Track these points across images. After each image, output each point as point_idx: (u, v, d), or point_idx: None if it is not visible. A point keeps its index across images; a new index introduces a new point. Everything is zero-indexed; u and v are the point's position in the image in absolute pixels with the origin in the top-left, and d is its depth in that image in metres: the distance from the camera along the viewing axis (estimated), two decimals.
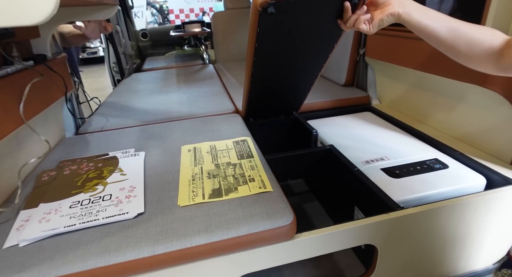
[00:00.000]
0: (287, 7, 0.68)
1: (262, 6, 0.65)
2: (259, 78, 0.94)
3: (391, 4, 0.60)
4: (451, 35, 0.56)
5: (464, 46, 0.56)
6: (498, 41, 0.54)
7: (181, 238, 0.59)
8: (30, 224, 0.64)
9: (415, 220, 0.72)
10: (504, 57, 0.53)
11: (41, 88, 0.90)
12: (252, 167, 0.82)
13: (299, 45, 0.85)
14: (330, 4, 0.67)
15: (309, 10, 0.70)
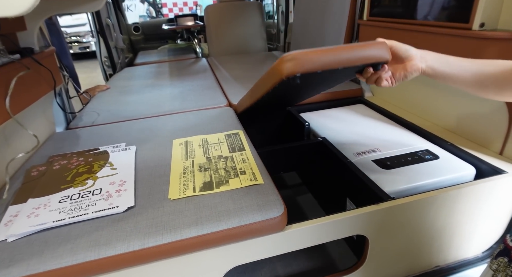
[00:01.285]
0: (312, 75, 0.65)
1: (288, 77, 0.61)
2: (263, 101, 0.92)
3: (413, 60, 0.60)
4: (477, 78, 0.56)
5: (492, 86, 0.55)
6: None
7: (171, 231, 0.59)
8: (19, 219, 0.64)
9: (405, 210, 0.73)
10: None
11: (28, 82, 0.89)
12: (243, 160, 0.82)
13: (311, 87, 0.83)
14: (352, 68, 0.64)
15: (332, 73, 0.68)
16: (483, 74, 0.56)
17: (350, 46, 0.59)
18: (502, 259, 0.50)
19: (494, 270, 0.51)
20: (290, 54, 0.59)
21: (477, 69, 0.56)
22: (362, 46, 0.59)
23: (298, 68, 0.59)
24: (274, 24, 2.58)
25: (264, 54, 2.29)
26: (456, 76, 0.58)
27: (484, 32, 0.79)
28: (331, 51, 0.59)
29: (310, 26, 1.72)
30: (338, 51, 0.59)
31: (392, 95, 1.28)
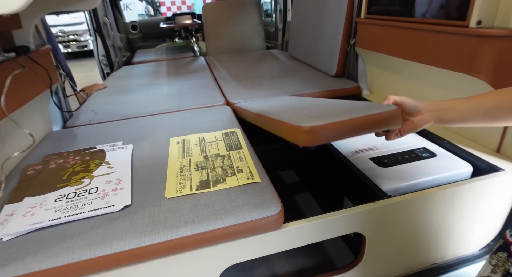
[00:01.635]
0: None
1: (303, 146, 0.62)
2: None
3: (422, 115, 0.63)
4: (489, 116, 0.57)
5: (507, 118, 0.56)
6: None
7: (167, 229, 0.59)
8: (14, 218, 0.63)
9: (402, 208, 0.73)
10: None
11: (24, 80, 0.88)
12: (240, 158, 0.82)
13: None
14: None
15: None
16: (494, 111, 0.57)
17: (367, 120, 0.61)
18: (502, 254, 0.50)
19: (493, 265, 0.51)
20: (308, 127, 0.59)
21: (487, 107, 0.57)
22: (379, 120, 0.62)
23: (315, 142, 0.60)
24: (272, 22, 2.58)
25: (262, 52, 2.28)
26: (468, 120, 0.60)
27: (481, 29, 0.79)
28: (349, 125, 0.61)
29: (308, 25, 1.71)
30: (355, 125, 0.61)
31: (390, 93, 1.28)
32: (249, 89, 1.39)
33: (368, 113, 0.61)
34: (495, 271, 0.51)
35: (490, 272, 0.52)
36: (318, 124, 0.58)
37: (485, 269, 0.53)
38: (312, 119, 0.61)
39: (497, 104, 0.56)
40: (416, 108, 0.63)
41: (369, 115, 0.61)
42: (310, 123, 0.59)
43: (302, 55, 1.84)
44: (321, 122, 0.59)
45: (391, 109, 0.63)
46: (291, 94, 1.31)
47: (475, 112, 0.58)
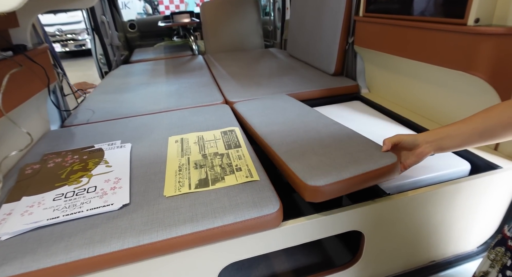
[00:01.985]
0: None
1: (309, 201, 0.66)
2: None
3: (421, 147, 0.65)
4: (485, 136, 0.59)
5: (503, 135, 0.58)
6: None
7: (166, 228, 0.59)
8: (12, 218, 0.63)
9: (401, 206, 0.73)
10: None
11: (21, 79, 0.88)
12: (239, 156, 0.81)
13: None
14: None
15: None
16: (488, 131, 0.59)
17: (369, 176, 0.67)
18: (500, 248, 0.51)
19: (492, 259, 0.52)
20: (313, 186, 0.64)
21: (481, 128, 0.59)
22: (379, 174, 0.68)
23: (320, 199, 0.65)
24: (271, 21, 2.57)
25: (261, 51, 2.28)
26: (466, 144, 0.62)
27: (479, 27, 0.79)
28: (352, 183, 0.66)
29: (307, 23, 1.71)
30: (358, 182, 0.67)
31: (388, 91, 1.28)
32: (248, 87, 1.39)
33: (370, 169, 0.67)
34: (493, 266, 0.51)
35: (489, 266, 0.52)
36: (323, 184, 0.64)
37: (483, 264, 0.54)
38: (318, 170, 0.67)
39: (491, 124, 0.58)
40: (414, 142, 0.66)
41: (370, 171, 0.67)
42: (316, 181, 0.64)
43: (301, 54, 1.84)
44: (326, 181, 0.64)
45: (391, 163, 0.68)
46: (290, 92, 1.31)
47: (472, 135, 0.60)
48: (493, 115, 0.58)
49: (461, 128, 0.62)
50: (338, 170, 0.66)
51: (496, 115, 0.58)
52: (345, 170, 0.66)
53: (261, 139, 0.88)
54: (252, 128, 0.96)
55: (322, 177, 0.64)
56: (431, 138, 0.64)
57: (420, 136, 0.66)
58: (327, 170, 0.66)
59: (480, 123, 0.59)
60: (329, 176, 0.65)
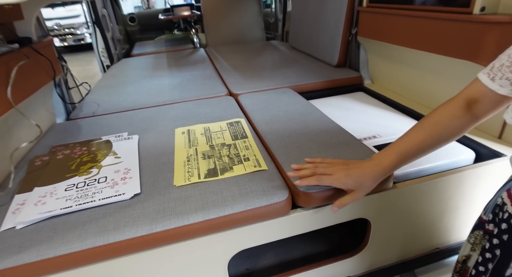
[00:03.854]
0: None
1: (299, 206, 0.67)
2: None
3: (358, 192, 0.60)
4: (426, 150, 0.59)
5: (443, 142, 0.59)
6: (459, 114, 0.56)
7: (178, 216, 0.60)
8: (26, 207, 0.64)
9: (406, 194, 0.74)
10: (477, 116, 0.57)
11: (28, 71, 0.88)
12: (246, 147, 0.82)
13: None
14: None
15: None
16: (426, 145, 0.58)
17: None
18: (478, 232, 0.53)
19: (471, 243, 0.54)
20: (305, 193, 0.64)
21: (421, 148, 0.58)
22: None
23: (311, 204, 0.66)
24: (272, 13, 2.56)
25: (262, 43, 2.27)
26: (417, 157, 0.60)
27: (485, 16, 0.79)
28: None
29: (309, 14, 1.70)
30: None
31: (392, 82, 1.29)
32: (251, 80, 1.39)
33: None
34: (474, 249, 0.54)
35: (470, 250, 0.55)
36: (314, 191, 0.63)
37: (464, 248, 0.56)
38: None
39: (427, 138, 0.58)
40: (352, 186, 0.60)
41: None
42: (308, 188, 0.64)
43: (303, 46, 1.84)
44: (318, 188, 0.64)
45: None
46: (293, 84, 1.31)
47: (411, 153, 0.59)
48: (433, 126, 0.57)
49: (399, 145, 0.59)
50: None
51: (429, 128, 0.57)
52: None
53: (261, 136, 0.89)
54: (253, 124, 0.97)
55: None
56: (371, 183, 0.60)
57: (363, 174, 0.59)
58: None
59: (418, 139, 0.58)
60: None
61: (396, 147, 0.59)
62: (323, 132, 0.88)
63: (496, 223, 0.50)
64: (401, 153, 0.59)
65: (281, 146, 0.81)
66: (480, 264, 0.51)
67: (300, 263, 0.79)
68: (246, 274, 0.84)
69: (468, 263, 0.55)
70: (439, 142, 0.58)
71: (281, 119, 0.97)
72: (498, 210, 0.50)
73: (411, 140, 0.59)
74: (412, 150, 0.58)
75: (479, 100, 0.55)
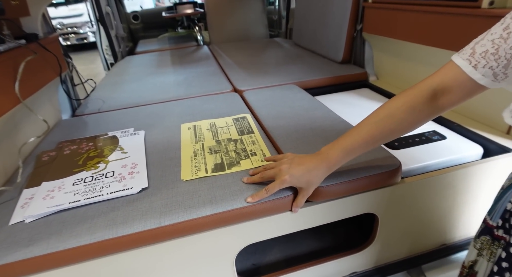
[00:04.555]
0: None
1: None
2: None
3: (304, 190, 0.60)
4: (374, 145, 0.56)
5: (392, 137, 0.55)
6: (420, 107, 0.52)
7: (186, 209, 0.60)
8: (35, 202, 0.64)
9: (414, 189, 0.74)
10: (441, 108, 0.53)
11: (35, 67, 0.88)
12: (253, 142, 0.82)
13: None
14: None
15: None
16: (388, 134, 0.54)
17: (370, 181, 0.68)
18: (485, 237, 0.50)
19: (478, 248, 0.52)
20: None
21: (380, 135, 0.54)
22: (381, 180, 0.69)
23: (319, 198, 0.67)
24: (276, 10, 2.55)
25: (266, 41, 2.27)
26: (364, 151, 0.57)
27: (494, 10, 0.79)
28: (353, 185, 0.67)
29: (313, 11, 1.70)
30: (359, 185, 0.68)
31: (397, 78, 1.28)
32: (256, 76, 1.39)
33: (371, 174, 0.67)
34: (481, 254, 0.51)
35: (476, 255, 0.52)
36: (323, 186, 0.64)
37: (470, 253, 0.53)
38: None
39: (378, 133, 0.54)
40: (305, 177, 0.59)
41: (372, 176, 0.67)
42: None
43: (307, 42, 1.83)
44: (326, 182, 0.63)
45: (393, 168, 0.67)
46: (298, 80, 1.30)
47: (345, 157, 0.57)
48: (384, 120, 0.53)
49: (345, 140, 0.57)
50: (339, 172, 0.66)
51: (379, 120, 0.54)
52: (346, 173, 0.66)
53: (268, 132, 0.88)
54: (259, 119, 0.97)
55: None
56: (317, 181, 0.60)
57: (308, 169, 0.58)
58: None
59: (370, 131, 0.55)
60: (328, 178, 0.64)
61: (344, 142, 0.57)
62: (330, 127, 0.87)
63: (507, 230, 0.46)
64: (348, 149, 0.56)
65: (288, 141, 0.81)
66: (496, 274, 0.47)
67: (306, 259, 0.79)
68: (253, 270, 0.84)
69: (475, 267, 0.53)
70: (389, 137, 0.55)
71: (287, 115, 0.97)
72: (508, 216, 0.47)
73: (360, 135, 0.55)
74: (360, 145, 0.56)
75: (451, 90, 0.49)
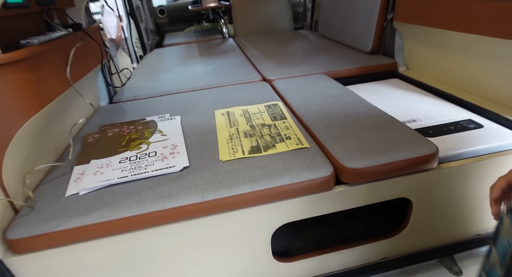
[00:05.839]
0: None
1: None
2: None
3: None
4: None
5: None
6: None
7: (227, 187, 0.63)
8: (86, 177, 0.69)
9: (450, 175, 0.74)
10: None
11: (81, 54, 0.94)
12: (286, 127, 0.84)
13: None
14: None
15: None
16: None
17: (407, 164, 0.68)
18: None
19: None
20: (350, 169, 0.66)
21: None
22: (417, 164, 0.68)
23: (356, 180, 0.68)
24: (300, 2, 2.54)
25: (291, 33, 2.27)
26: None
27: None
28: (390, 168, 0.67)
29: (341, 2, 1.68)
30: (395, 168, 0.68)
31: (429, 67, 1.26)
32: (283, 66, 1.40)
33: (408, 157, 0.67)
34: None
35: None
36: (360, 167, 0.65)
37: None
38: (355, 153, 0.68)
39: None
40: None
41: (408, 159, 0.67)
42: (353, 163, 0.66)
43: (334, 34, 1.82)
44: (363, 164, 0.65)
45: (430, 152, 0.68)
46: (327, 70, 1.31)
47: None
48: None
49: None
50: (376, 155, 0.67)
51: None
52: (382, 156, 0.67)
53: (300, 118, 0.90)
54: (291, 106, 0.98)
55: (359, 160, 0.66)
56: None
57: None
58: (365, 154, 0.68)
59: None
60: (366, 160, 0.66)
61: None
62: (362, 113, 0.88)
63: None
64: None
65: (321, 126, 0.82)
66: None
67: (336, 243, 0.80)
68: (284, 251, 0.86)
69: None
70: None
71: (319, 102, 0.98)
72: None
73: None
74: None
75: None
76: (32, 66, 0.65)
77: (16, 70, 0.60)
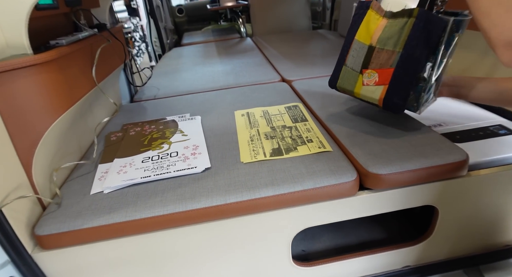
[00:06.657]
0: None
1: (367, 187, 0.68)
2: None
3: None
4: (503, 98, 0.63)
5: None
6: None
7: (249, 189, 0.63)
8: (110, 175, 0.71)
9: (481, 183, 0.71)
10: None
11: (106, 54, 0.95)
12: (308, 129, 0.83)
13: None
14: None
15: None
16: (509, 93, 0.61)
17: (435, 171, 0.66)
18: None
19: None
20: (375, 174, 0.65)
21: (503, 88, 0.62)
22: (446, 171, 0.67)
23: (380, 186, 0.67)
24: (320, 2, 2.50)
25: (310, 32, 2.24)
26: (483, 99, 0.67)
27: None
28: (416, 175, 0.66)
29: None
30: (422, 176, 0.67)
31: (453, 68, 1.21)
32: (303, 67, 1.39)
33: (435, 164, 0.65)
34: None
35: None
36: (385, 173, 0.64)
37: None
38: (380, 159, 0.66)
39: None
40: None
41: (436, 166, 0.65)
42: (378, 169, 0.64)
43: None
44: (388, 170, 0.64)
45: (459, 159, 0.66)
46: None
47: (491, 92, 0.63)
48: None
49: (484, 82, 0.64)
50: (402, 160, 0.65)
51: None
52: (409, 162, 0.65)
53: (321, 120, 0.88)
54: (311, 108, 0.97)
55: (384, 166, 0.64)
56: (452, 83, 0.71)
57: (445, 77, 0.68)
58: (390, 159, 0.66)
59: (503, 82, 0.61)
60: (391, 165, 0.64)
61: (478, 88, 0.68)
62: (387, 117, 0.85)
63: None
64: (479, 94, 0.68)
65: (344, 129, 0.81)
66: None
67: (356, 249, 0.79)
68: (302, 255, 0.85)
69: None
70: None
71: (339, 104, 0.96)
72: None
73: None
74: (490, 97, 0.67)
75: None
76: (61, 66, 0.67)
77: (47, 70, 0.61)
